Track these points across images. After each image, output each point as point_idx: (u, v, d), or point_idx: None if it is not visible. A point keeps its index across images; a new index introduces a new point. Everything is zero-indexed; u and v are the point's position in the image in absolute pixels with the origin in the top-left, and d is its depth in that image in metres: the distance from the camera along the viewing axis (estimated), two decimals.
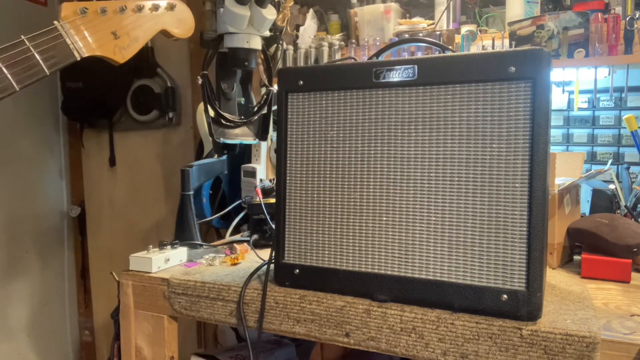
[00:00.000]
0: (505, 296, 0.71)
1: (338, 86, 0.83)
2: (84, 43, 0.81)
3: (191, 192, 1.18)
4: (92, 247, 2.19)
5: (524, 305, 0.70)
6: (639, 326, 0.70)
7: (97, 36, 0.82)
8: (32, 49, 0.76)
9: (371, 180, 0.81)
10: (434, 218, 0.76)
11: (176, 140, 1.97)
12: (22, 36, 0.76)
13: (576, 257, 1.04)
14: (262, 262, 0.97)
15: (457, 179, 0.75)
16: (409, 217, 0.78)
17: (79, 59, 0.81)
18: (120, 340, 1.02)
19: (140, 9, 0.85)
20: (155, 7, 0.87)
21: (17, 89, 0.75)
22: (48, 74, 0.78)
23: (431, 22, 1.45)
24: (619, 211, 1.11)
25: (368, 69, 0.80)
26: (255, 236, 1.16)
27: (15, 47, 0.75)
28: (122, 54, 0.85)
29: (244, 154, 1.41)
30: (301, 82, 0.85)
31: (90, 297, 2.21)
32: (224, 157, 1.40)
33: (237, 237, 1.32)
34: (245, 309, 0.88)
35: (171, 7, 0.88)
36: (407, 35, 1.43)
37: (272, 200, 1.12)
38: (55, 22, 0.79)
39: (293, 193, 0.87)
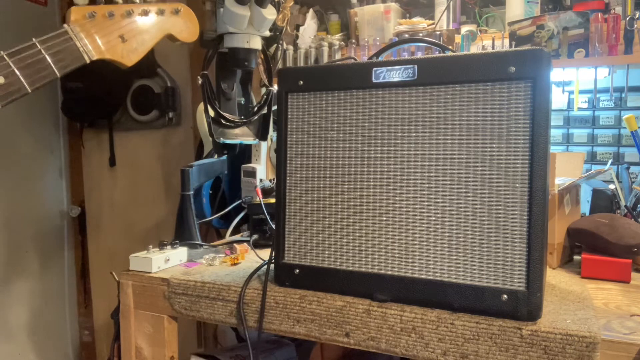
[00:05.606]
0: (505, 296, 0.71)
1: (338, 86, 0.83)
2: (93, 46, 0.82)
3: (191, 192, 1.18)
4: (92, 247, 2.18)
5: (524, 305, 0.70)
6: (639, 326, 0.70)
7: (106, 39, 0.84)
8: (43, 52, 0.78)
9: (371, 180, 0.81)
10: (434, 218, 0.76)
11: (176, 140, 1.97)
12: (34, 39, 0.78)
13: (576, 257, 1.04)
14: (262, 262, 0.97)
15: (457, 179, 0.75)
16: (409, 217, 0.78)
17: (88, 61, 0.82)
18: (120, 340, 1.02)
19: (146, 13, 0.87)
20: (161, 12, 0.89)
21: (30, 91, 0.77)
22: (59, 76, 0.79)
23: (431, 22, 1.45)
24: (619, 211, 1.11)
25: (368, 69, 0.80)
26: (255, 236, 1.16)
27: (27, 49, 0.77)
28: (129, 57, 0.86)
29: (244, 154, 1.41)
30: (301, 82, 0.85)
31: (90, 297, 2.21)
32: (224, 157, 1.40)
33: (237, 237, 1.32)
34: (245, 309, 0.88)
35: (176, 12, 0.90)
36: (407, 35, 1.43)
37: (272, 200, 1.12)
38: (65, 25, 0.81)
39: (293, 193, 0.87)
